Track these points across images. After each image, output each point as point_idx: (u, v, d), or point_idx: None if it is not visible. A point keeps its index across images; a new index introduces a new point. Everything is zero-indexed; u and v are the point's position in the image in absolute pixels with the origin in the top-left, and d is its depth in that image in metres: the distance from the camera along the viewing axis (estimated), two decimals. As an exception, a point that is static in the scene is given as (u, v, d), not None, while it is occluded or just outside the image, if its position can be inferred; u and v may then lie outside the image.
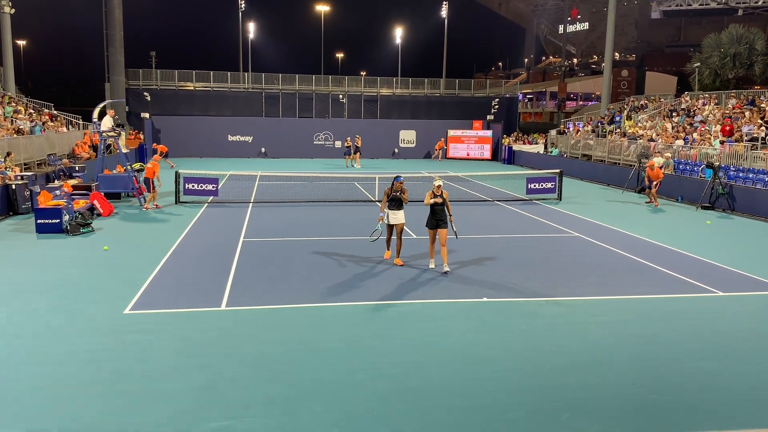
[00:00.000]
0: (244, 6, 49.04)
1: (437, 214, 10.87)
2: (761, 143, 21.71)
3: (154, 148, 22.49)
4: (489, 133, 40.44)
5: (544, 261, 12.14)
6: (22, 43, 68.68)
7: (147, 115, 38.11)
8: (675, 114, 29.47)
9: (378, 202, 19.78)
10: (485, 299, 9.51)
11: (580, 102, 73.32)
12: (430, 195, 10.91)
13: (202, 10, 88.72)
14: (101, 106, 19.80)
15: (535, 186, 21.28)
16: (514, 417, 5.86)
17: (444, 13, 49.09)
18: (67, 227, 14.02)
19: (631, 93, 56.29)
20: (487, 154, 40.01)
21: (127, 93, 40.21)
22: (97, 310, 8.70)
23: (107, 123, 19.21)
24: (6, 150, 19.69)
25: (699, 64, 42.48)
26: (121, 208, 17.84)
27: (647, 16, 79.38)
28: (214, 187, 19.41)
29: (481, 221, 16.57)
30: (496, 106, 42.96)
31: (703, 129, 25.35)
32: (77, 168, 21.22)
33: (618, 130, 30.97)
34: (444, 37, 49.71)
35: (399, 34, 51.35)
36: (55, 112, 31.68)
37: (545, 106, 75.12)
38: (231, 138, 39.88)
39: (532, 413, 5.93)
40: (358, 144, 33.76)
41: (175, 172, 19.54)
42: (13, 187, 16.57)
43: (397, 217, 11.29)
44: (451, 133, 40.82)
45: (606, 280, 10.80)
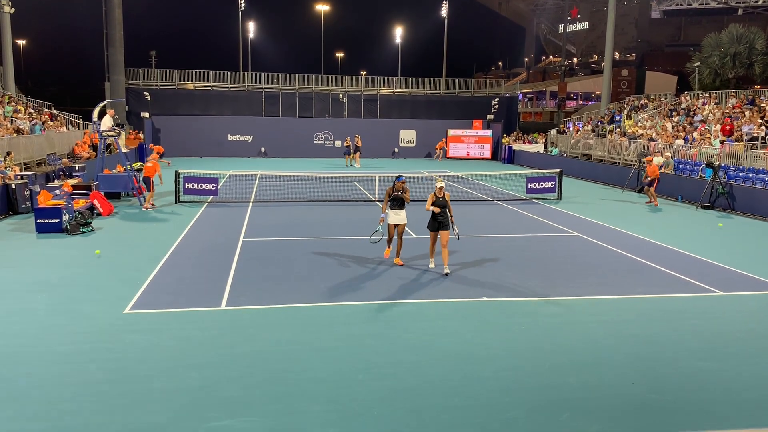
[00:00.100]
0: (244, 5, 49.05)
1: (439, 216, 10.82)
2: (761, 143, 21.72)
3: (150, 148, 22.48)
4: (489, 132, 40.45)
5: (544, 260, 12.14)
6: (22, 42, 68.69)
7: (147, 114, 38.13)
8: (675, 113, 29.46)
9: (378, 201, 19.78)
10: (485, 299, 9.51)
11: (580, 101, 73.37)
12: (432, 197, 10.85)
13: (202, 9, 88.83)
14: (101, 105, 19.80)
15: (535, 185, 21.29)
16: (513, 416, 5.86)
17: (444, 12, 49.09)
18: (67, 227, 14.02)
19: (631, 92, 56.33)
20: (487, 154, 40.02)
21: (127, 92, 40.24)
22: (96, 310, 8.70)
23: (107, 122, 19.22)
24: (6, 149, 19.69)
25: (699, 63, 42.51)
26: (121, 208, 17.85)
27: (647, 15, 79.42)
28: (214, 186, 19.41)
29: (481, 221, 16.56)
30: (496, 106, 42.98)
31: (703, 128, 25.34)
32: (77, 167, 21.21)
33: (618, 130, 30.97)
34: (444, 37, 49.72)
35: (399, 33, 51.38)
36: (54, 112, 31.68)
37: (545, 106, 75.16)
38: (231, 137, 39.90)
39: (532, 413, 5.93)
40: (358, 144, 33.75)
41: (175, 172, 19.54)
42: (13, 186, 16.56)
43: (399, 216, 11.23)
44: (451, 132, 40.81)
45: (606, 279, 10.80)
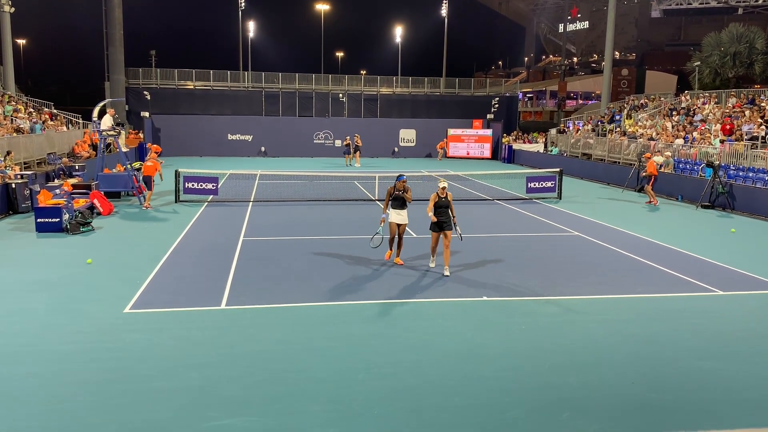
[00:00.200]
0: (244, 5, 48.98)
1: (441, 216, 10.73)
2: (761, 142, 21.70)
3: (148, 147, 22.50)
4: (489, 132, 40.45)
5: (544, 260, 12.13)
6: (22, 42, 68.64)
7: (147, 114, 38.12)
8: (675, 113, 29.45)
9: (378, 201, 19.78)
10: (485, 298, 9.51)
11: (580, 101, 73.39)
12: (434, 197, 10.79)
13: (202, 9, 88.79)
14: (101, 105, 19.79)
15: (535, 185, 21.29)
16: (513, 416, 5.86)
17: (444, 12, 49.03)
18: (67, 226, 14.02)
19: (631, 92, 56.32)
20: (487, 153, 40.02)
21: (127, 92, 40.20)
22: (96, 309, 8.69)
23: (107, 122, 19.23)
24: (6, 149, 19.69)
25: (699, 63, 42.49)
26: (121, 207, 17.85)
27: (647, 14, 79.39)
28: (214, 186, 19.42)
29: (481, 220, 16.55)
30: (496, 105, 42.96)
31: (703, 128, 25.33)
32: (77, 167, 21.22)
33: (618, 129, 30.96)
34: (444, 36, 49.66)
35: (399, 33, 51.31)
36: (54, 111, 31.68)
37: (545, 105, 75.21)
38: (231, 137, 39.90)
39: (532, 412, 5.93)
40: (358, 143, 33.74)
41: (175, 171, 19.57)
42: (13, 186, 16.56)
43: (401, 216, 11.17)
44: (451, 132, 40.81)
45: (606, 279, 10.80)
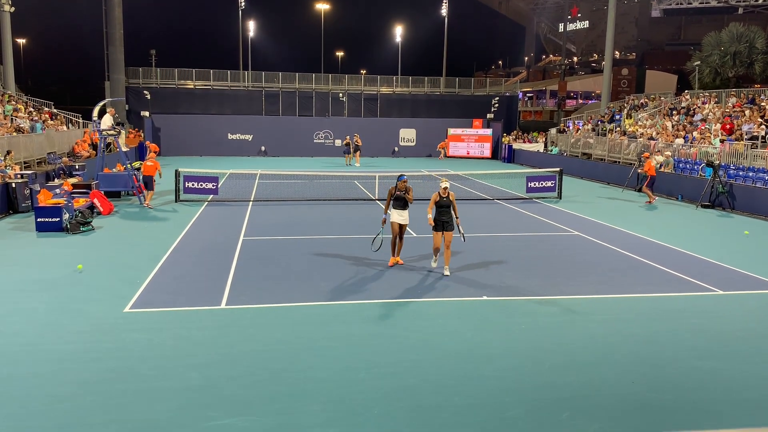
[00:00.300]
0: (244, 4, 48.99)
1: (443, 216, 10.67)
2: (761, 142, 21.71)
3: (147, 146, 22.51)
4: (489, 131, 40.45)
5: (544, 259, 12.13)
6: (22, 41, 68.64)
7: (147, 113, 38.11)
8: (675, 112, 29.45)
9: (378, 201, 19.77)
10: (485, 298, 9.51)
11: (580, 100, 73.36)
12: (435, 197, 10.72)
13: (202, 8, 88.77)
14: (101, 104, 19.80)
15: (535, 185, 21.28)
16: (513, 415, 5.86)
17: (444, 11, 49.03)
18: (67, 226, 14.02)
19: (631, 91, 56.28)
20: (487, 153, 40.02)
21: (127, 91, 40.20)
22: (97, 309, 8.69)
23: (107, 121, 19.23)
24: (6, 148, 19.68)
25: (699, 62, 42.47)
26: (121, 207, 17.85)
27: (647, 14, 79.28)
28: (214, 185, 19.42)
29: (481, 220, 16.55)
30: (496, 105, 42.96)
31: (703, 127, 25.33)
32: (77, 166, 21.21)
33: (618, 129, 30.96)
34: (444, 36, 49.65)
35: (399, 32, 51.30)
36: (55, 111, 31.68)
37: (545, 105, 75.18)
38: (231, 136, 39.89)
39: (532, 412, 5.93)
40: (357, 142, 33.73)
41: (175, 171, 19.58)
42: (13, 185, 16.55)
43: (402, 216, 11.10)
44: (451, 131, 40.82)
45: (606, 278, 10.80)
